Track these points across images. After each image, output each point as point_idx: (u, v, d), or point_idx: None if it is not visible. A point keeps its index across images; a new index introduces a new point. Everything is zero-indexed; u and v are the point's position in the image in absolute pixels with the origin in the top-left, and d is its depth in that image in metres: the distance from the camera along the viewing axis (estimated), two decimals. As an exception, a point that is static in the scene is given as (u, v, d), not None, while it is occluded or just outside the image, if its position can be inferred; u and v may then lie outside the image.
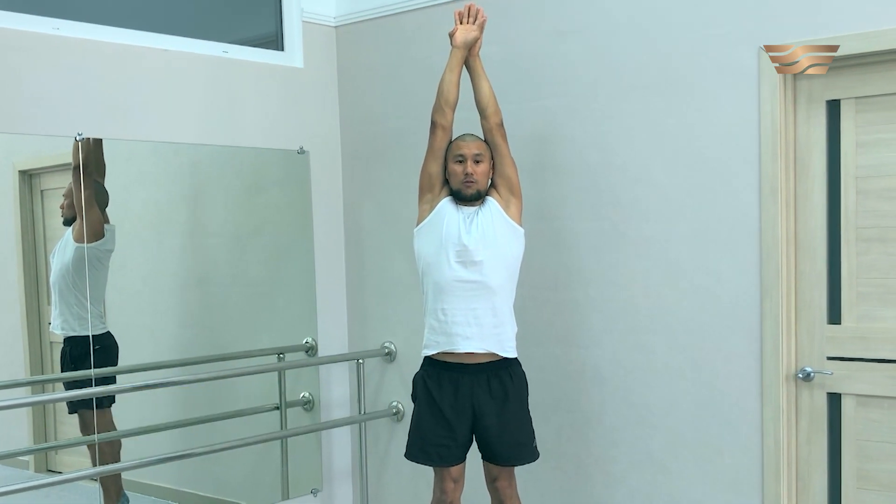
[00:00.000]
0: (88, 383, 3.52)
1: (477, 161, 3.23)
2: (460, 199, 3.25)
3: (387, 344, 4.23)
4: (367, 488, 4.26)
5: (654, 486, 3.49)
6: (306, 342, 4.26)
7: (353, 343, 4.38)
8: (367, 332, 4.31)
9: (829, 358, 3.18)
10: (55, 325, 3.57)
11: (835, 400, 3.19)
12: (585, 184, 3.58)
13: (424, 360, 3.32)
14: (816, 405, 3.21)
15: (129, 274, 3.77)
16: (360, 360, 4.19)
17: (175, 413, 3.96)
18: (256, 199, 4.20)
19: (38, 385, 3.63)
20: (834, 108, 3.14)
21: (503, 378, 3.24)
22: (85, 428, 3.58)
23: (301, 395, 4.26)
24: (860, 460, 3.15)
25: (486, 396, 3.21)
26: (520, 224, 3.28)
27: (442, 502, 3.34)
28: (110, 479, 3.64)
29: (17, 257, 3.56)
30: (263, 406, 4.16)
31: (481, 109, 3.27)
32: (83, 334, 3.54)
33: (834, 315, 3.18)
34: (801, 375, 3.20)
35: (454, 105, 3.25)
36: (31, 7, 3.38)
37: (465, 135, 3.30)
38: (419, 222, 3.31)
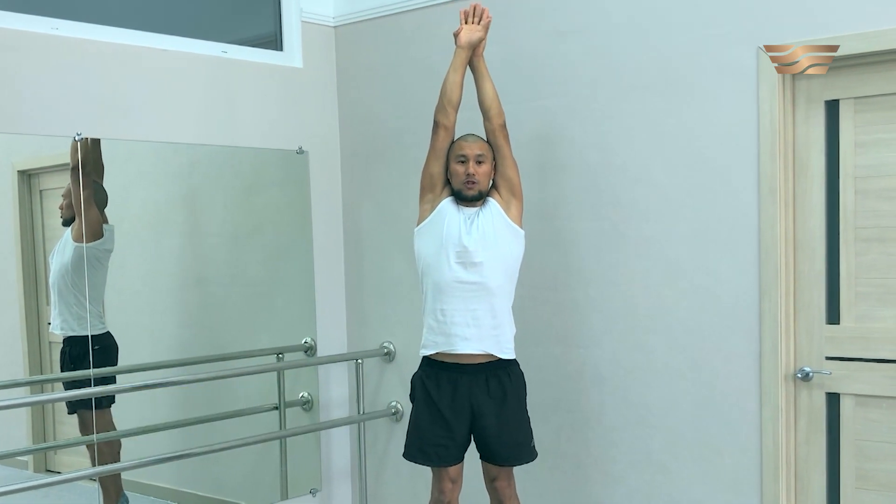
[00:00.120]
0: (88, 383, 3.52)
1: (479, 162, 3.22)
2: (461, 199, 3.24)
3: (386, 344, 4.23)
4: (366, 488, 4.26)
5: (654, 485, 3.49)
6: (305, 342, 4.25)
7: (352, 343, 4.37)
8: (366, 332, 4.31)
9: (828, 358, 3.19)
10: (54, 325, 3.56)
11: (833, 400, 3.19)
12: (585, 184, 3.58)
13: (423, 361, 3.32)
14: (815, 405, 3.22)
15: (129, 274, 3.77)
16: (359, 360, 4.19)
17: (174, 413, 3.96)
18: (255, 199, 4.20)
19: (37, 385, 3.63)
20: (833, 109, 3.14)
21: (501, 378, 3.23)
22: (84, 428, 3.58)
23: (300, 395, 4.26)
24: (859, 460, 3.15)
25: (484, 396, 3.21)
26: (520, 226, 3.27)
27: (440, 502, 3.33)
28: (110, 479, 3.64)
29: (16, 257, 3.55)
30: (262, 406, 4.16)
31: (484, 110, 3.27)
32: (82, 334, 3.53)
33: (833, 315, 3.19)
34: (799, 375, 3.21)
35: (457, 105, 3.24)
36: (30, 7, 3.38)
37: (467, 135, 3.29)
38: (419, 222, 3.31)
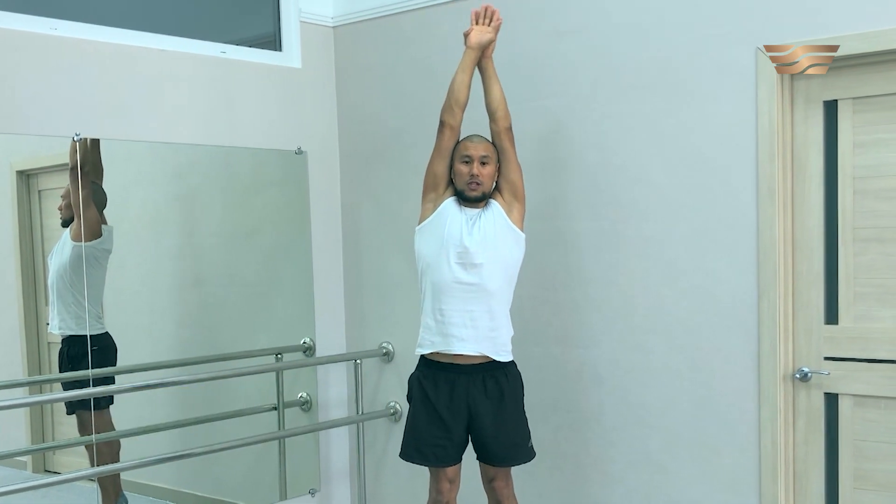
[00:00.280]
0: (87, 384, 3.52)
1: (483, 163, 3.21)
2: (464, 200, 3.24)
3: (385, 344, 4.24)
4: (365, 488, 4.26)
5: (652, 485, 3.49)
6: (304, 342, 4.25)
7: (350, 343, 4.37)
8: (365, 332, 4.31)
9: (827, 358, 3.19)
10: (53, 324, 3.56)
11: (832, 400, 3.20)
12: (584, 184, 3.59)
13: (420, 361, 3.32)
14: (814, 405, 3.22)
15: (127, 274, 3.77)
16: (358, 361, 4.19)
17: (173, 413, 3.96)
18: (254, 200, 4.20)
19: (36, 385, 3.63)
20: (831, 109, 3.14)
21: (499, 378, 3.24)
22: (83, 429, 3.58)
23: (299, 396, 4.26)
24: (857, 460, 3.15)
25: (481, 396, 3.21)
26: (521, 229, 3.27)
27: (438, 503, 3.34)
28: (109, 480, 3.63)
29: (15, 258, 3.55)
30: (261, 406, 4.16)
31: (491, 112, 3.26)
32: (81, 334, 3.53)
33: (831, 315, 3.19)
34: (798, 375, 3.21)
35: (464, 106, 3.23)
36: (29, 7, 3.37)
37: (472, 136, 3.28)
38: (421, 221, 3.30)
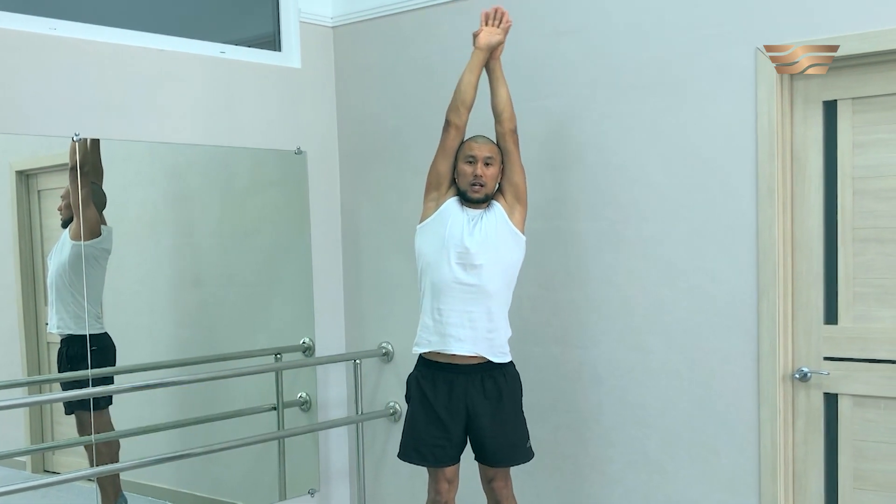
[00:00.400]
0: (86, 384, 3.52)
1: (487, 164, 3.21)
2: (467, 200, 3.24)
3: (384, 344, 4.23)
4: (365, 488, 4.26)
5: (651, 486, 3.49)
6: (303, 342, 4.25)
7: (350, 343, 4.37)
8: (365, 332, 4.31)
9: (826, 358, 3.19)
10: (51, 324, 3.56)
11: (831, 400, 3.20)
12: (584, 184, 3.58)
13: (419, 361, 3.32)
14: (813, 405, 3.22)
15: (127, 274, 3.76)
16: (358, 361, 4.18)
17: (172, 413, 3.96)
18: (254, 200, 4.20)
19: (35, 385, 3.63)
20: (831, 109, 3.14)
21: (497, 378, 3.24)
22: (82, 429, 3.58)
23: (298, 396, 4.26)
24: (857, 460, 3.15)
25: (479, 396, 3.21)
26: (522, 231, 3.27)
27: (437, 503, 3.34)
28: (108, 480, 3.63)
29: (14, 258, 3.55)
30: (261, 406, 4.15)
31: (497, 114, 3.25)
32: (79, 333, 3.53)
33: (830, 315, 3.19)
34: (797, 376, 3.21)
35: (470, 106, 3.23)
36: (28, 7, 3.37)
37: (477, 136, 3.28)
38: (422, 220, 3.30)
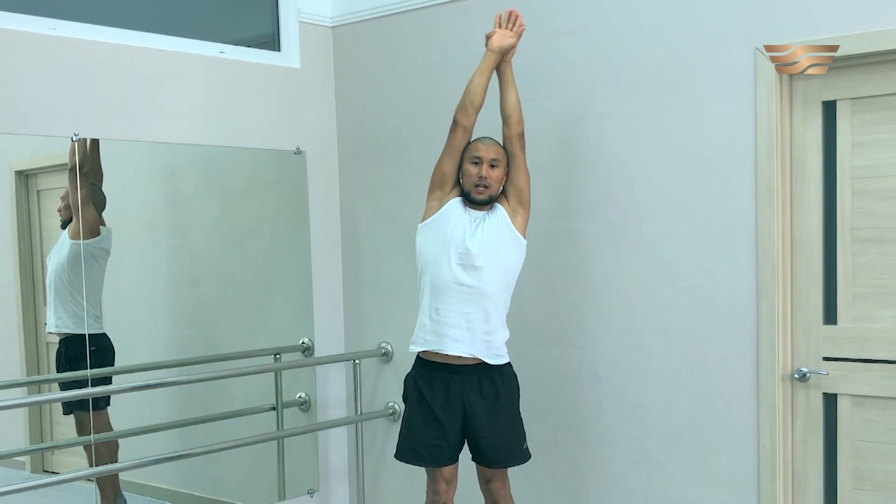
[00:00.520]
0: (84, 384, 3.52)
1: (493, 166, 3.21)
2: (470, 201, 3.24)
3: (383, 344, 4.23)
4: (364, 488, 4.26)
5: (651, 486, 3.49)
6: (303, 342, 4.25)
7: (349, 343, 4.37)
8: (364, 332, 4.31)
9: (825, 358, 3.19)
10: (50, 323, 3.56)
11: (831, 400, 3.20)
12: (583, 184, 3.58)
13: (416, 361, 3.32)
14: (812, 405, 3.22)
15: (126, 274, 3.76)
16: (357, 361, 4.18)
17: (172, 413, 3.96)
18: (253, 200, 4.19)
19: (34, 385, 3.63)
20: (830, 109, 3.15)
21: (494, 379, 3.24)
22: (81, 429, 3.58)
23: (297, 396, 4.26)
24: (856, 460, 3.15)
25: (476, 397, 3.21)
26: (524, 235, 3.27)
27: (435, 503, 3.34)
28: (107, 480, 3.63)
29: (14, 258, 3.55)
30: (260, 406, 4.15)
31: (505, 117, 3.25)
32: (77, 332, 3.53)
33: (830, 315, 3.19)
34: (797, 376, 3.21)
35: (479, 107, 3.22)
36: (27, 7, 3.37)
37: (484, 138, 3.27)
38: (425, 218, 3.30)
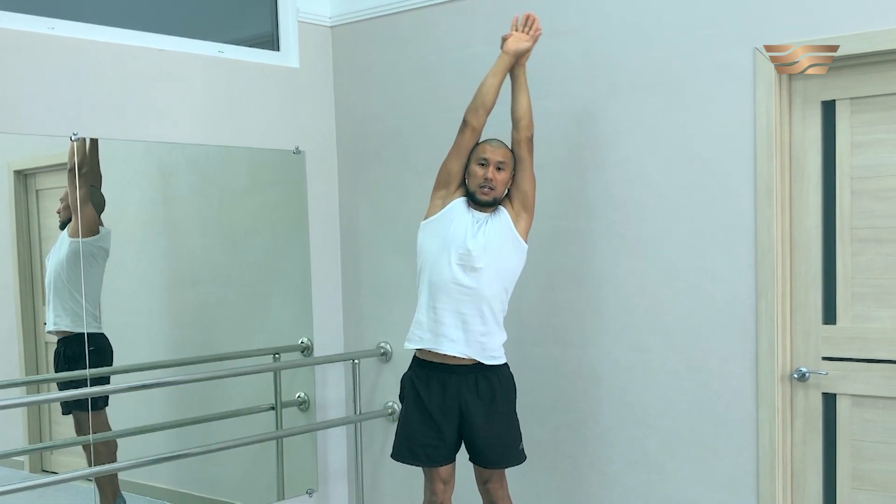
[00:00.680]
0: (83, 384, 3.51)
1: (499, 168, 3.20)
2: (474, 202, 3.24)
3: (382, 344, 4.23)
4: (363, 488, 4.26)
5: (650, 485, 3.49)
6: (302, 342, 4.25)
7: (348, 343, 4.37)
8: (363, 332, 4.31)
9: (825, 358, 3.19)
10: (49, 321, 3.56)
11: (830, 400, 3.20)
12: (582, 183, 3.58)
13: (413, 361, 3.32)
14: (811, 405, 3.22)
15: (124, 274, 3.76)
16: (356, 361, 4.18)
17: (171, 413, 3.96)
18: (252, 199, 4.19)
19: (33, 385, 3.62)
20: (829, 109, 3.15)
21: (491, 379, 3.23)
22: (80, 429, 3.58)
23: (296, 396, 4.26)
24: (855, 460, 3.16)
25: (472, 396, 3.21)
26: (526, 240, 3.26)
27: (433, 503, 3.34)
28: (106, 480, 3.63)
29: (13, 257, 3.55)
30: (259, 406, 4.15)
31: (515, 120, 3.24)
32: (76, 331, 3.53)
33: (829, 315, 3.19)
34: (796, 375, 3.21)
35: (490, 109, 3.21)
36: (26, 7, 3.37)
37: (492, 140, 3.26)
38: (427, 216, 3.30)
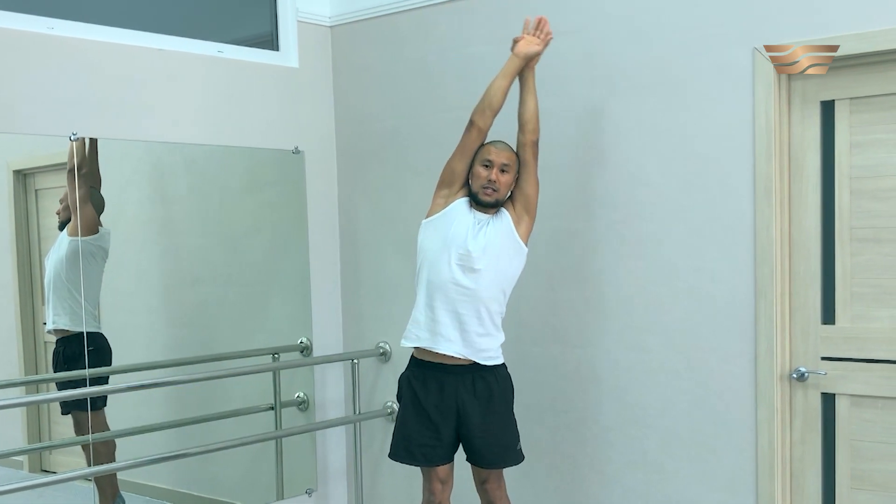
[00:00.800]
0: (82, 384, 3.51)
1: (503, 171, 3.20)
2: (477, 203, 3.24)
3: (381, 344, 4.23)
4: (362, 488, 4.26)
5: (649, 485, 3.50)
6: (301, 342, 4.25)
7: (347, 343, 4.37)
8: (362, 331, 4.31)
9: (824, 358, 3.19)
10: (48, 320, 3.56)
11: (829, 400, 3.20)
12: (581, 183, 3.59)
13: (411, 360, 3.32)
14: (810, 405, 3.22)
15: (123, 274, 3.76)
16: (355, 360, 4.18)
17: (170, 413, 3.95)
18: (251, 199, 4.19)
19: (32, 385, 3.62)
20: (828, 109, 3.15)
21: (488, 379, 3.24)
22: (79, 429, 3.58)
23: (296, 395, 4.26)
24: (854, 460, 3.16)
25: (469, 396, 3.21)
26: (526, 243, 3.26)
27: (431, 503, 3.34)
28: (106, 480, 3.63)
29: (12, 257, 3.54)
30: (258, 406, 4.15)
31: (522, 123, 3.24)
32: (74, 330, 3.52)
33: (828, 315, 3.19)
34: (795, 375, 3.21)
35: (497, 111, 3.21)
36: (25, 6, 3.37)
37: (498, 142, 3.26)
38: (429, 214, 3.30)
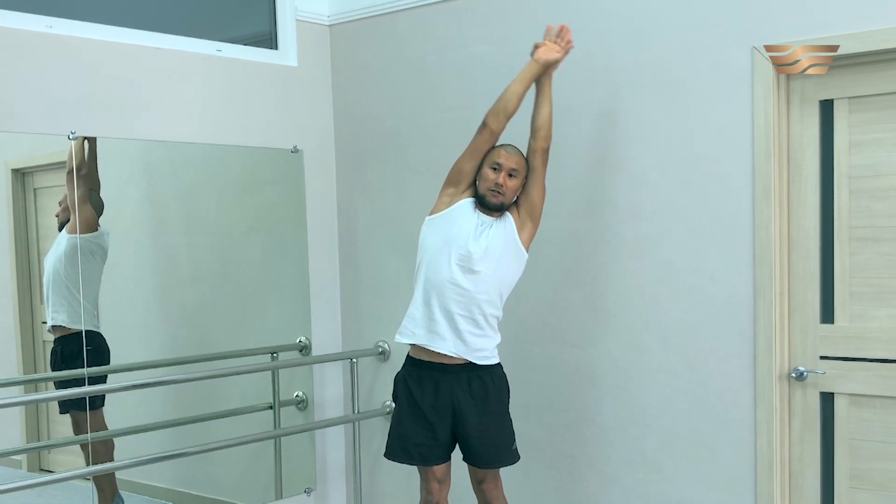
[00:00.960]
0: (80, 383, 3.51)
1: (511, 175, 3.20)
2: (482, 204, 3.23)
3: (380, 343, 4.23)
4: (361, 487, 4.26)
5: (648, 485, 3.50)
6: (300, 341, 4.25)
7: (346, 342, 4.37)
8: (361, 331, 4.31)
9: (822, 357, 3.19)
10: (47, 318, 3.56)
11: (828, 399, 3.20)
12: (580, 183, 3.59)
13: (406, 360, 3.33)
14: (809, 404, 3.22)
15: (122, 273, 3.76)
16: (354, 360, 4.18)
17: (168, 412, 3.95)
18: (250, 198, 4.19)
19: (30, 384, 3.62)
20: (827, 108, 3.15)
21: (484, 378, 3.24)
22: (77, 428, 3.57)
23: (295, 395, 4.26)
24: (853, 459, 3.16)
25: (465, 395, 3.21)
26: (527, 249, 3.26)
27: (428, 503, 3.35)
28: (104, 479, 3.63)
29: (10, 256, 3.54)
30: (257, 405, 4.15)
31: (534, 129, 3.24)
32: (73, 329, 3.52)
33: (827, 314, 3.19)
34: (794, 375, 3.21)
35: (511, 115, 3.20)
36: (24, 5, 3.37)
37: (509, 145, 3.26)
38: (433, 212, 3.30)
